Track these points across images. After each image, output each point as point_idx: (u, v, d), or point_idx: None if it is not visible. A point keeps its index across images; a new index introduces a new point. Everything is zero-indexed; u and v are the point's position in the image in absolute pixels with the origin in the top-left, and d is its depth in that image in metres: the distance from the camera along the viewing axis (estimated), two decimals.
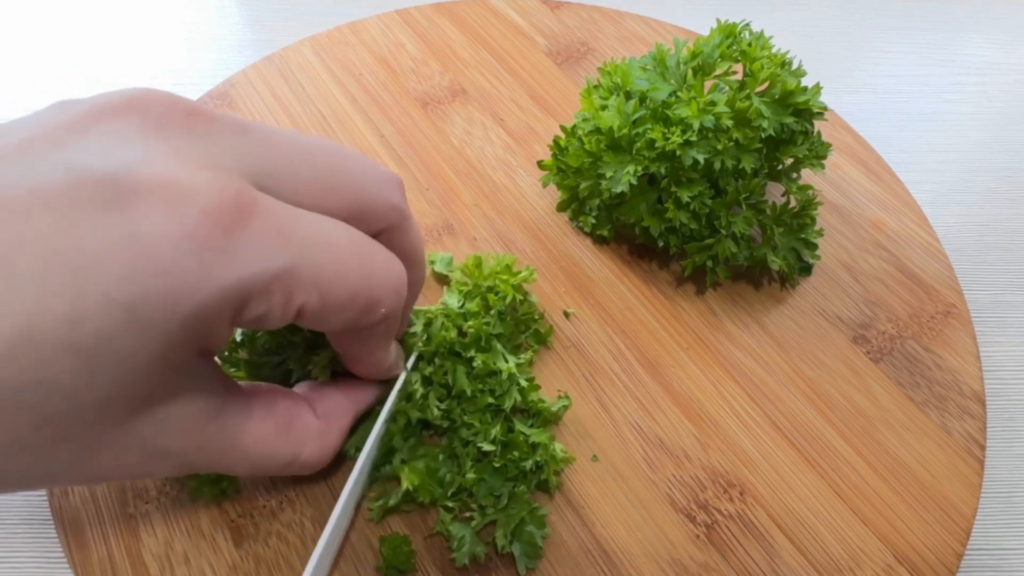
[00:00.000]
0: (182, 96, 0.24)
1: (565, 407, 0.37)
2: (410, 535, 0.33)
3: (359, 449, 0.33)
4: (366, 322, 0.27)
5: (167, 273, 0.21)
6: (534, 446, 0.34)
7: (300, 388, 0.32)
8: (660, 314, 0.41)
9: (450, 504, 0.33)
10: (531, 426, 0.35)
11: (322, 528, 0.33)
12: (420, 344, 0.35)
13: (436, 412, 0.34)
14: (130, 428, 0.23)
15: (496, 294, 0.38)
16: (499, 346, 0.37)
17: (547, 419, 0.36)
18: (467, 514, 0.33)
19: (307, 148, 0.26)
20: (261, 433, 0.28)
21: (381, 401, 0.34)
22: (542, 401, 0.36)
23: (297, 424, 0.30)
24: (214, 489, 0.33)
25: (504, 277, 0.38)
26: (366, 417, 0.34)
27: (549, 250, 0.44)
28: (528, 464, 0.34)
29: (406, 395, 0.34)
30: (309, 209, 0.25)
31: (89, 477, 0.24)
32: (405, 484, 0.32)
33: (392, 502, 0.33)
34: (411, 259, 0.30)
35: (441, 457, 0.34)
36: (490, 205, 0.46)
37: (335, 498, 0.34)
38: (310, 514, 0.34)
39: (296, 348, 0.34)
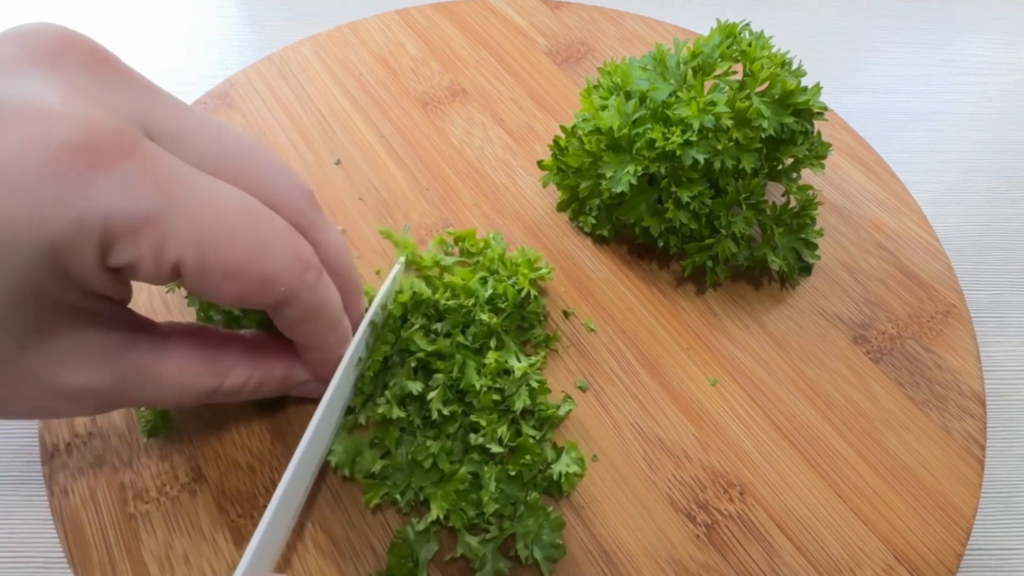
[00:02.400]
0: (96, 41, 0.24)
1: (570, 411, 0.37)
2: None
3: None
4: (266, 300, 0.26)
5: (25, 195, 0.20)
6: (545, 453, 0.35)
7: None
8: (660, 314, 0.41)
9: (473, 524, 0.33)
10: (533, 427, 0.35)
11: (323, 528, 0.33)
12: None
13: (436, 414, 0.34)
14: (23, 362, 0.23)
15: (513, 285, 0.38)
16: (512, 344, 0.37)
17: (553, 423, 0.36)
18: (485, 531, 0.33)
19: (219, 129, 0.27)
20: (180, 362, 0.28)
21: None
22: (550, 406, 0.36)
23: (220, 352, 0.30)
24: (167, 425, 0.34)
25: (524, 271, 0.38)
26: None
27: (549, 250, 0.44)
28: (545, 475, 0.34)
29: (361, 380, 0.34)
30: None
31: None
32: (436, 512, 0.32)
33: (420, 528, 0.32)
34: (331, 267, 0.30)
35: (467, 481, 0.33)
36: (490, 205, 0.46)
37: (336, 501, 0.34)
38: (310, 515, 0.34)
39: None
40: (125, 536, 0.33)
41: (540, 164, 0.44)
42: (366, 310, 0.34)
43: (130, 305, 0.28)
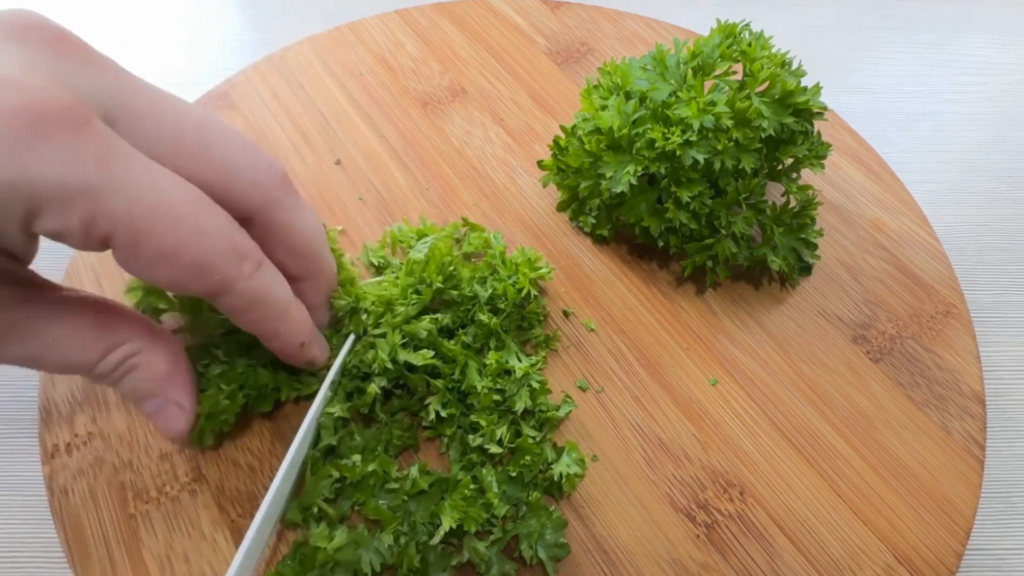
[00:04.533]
0: (61, 24, 0.25)
1: (570, 411, 0.37)
2: None
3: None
4: (200, 287, 0.27)
5: None
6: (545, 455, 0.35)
7: None
8: (660, 314, 0.41)
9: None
10: (532, 427, 0.35)
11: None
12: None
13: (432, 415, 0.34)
14: None
15: (514, 285, 0.38)
16: (513, 344, 0.37)
17: (553, 424, 0.36)
18: (488, 533, 0.33)
19: (183, 111, 0.27)
20: (72, 323, 0.28)
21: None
22: (550, 407, 0.36)
23: (117, 324, 0.30)
24: (157, 301, 0.34)
25: (525, 271, 0.38)
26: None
27: (549, 250, 0.44)
28: (546, 476, 0.34)
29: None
30: (162, 164, 0.25)
31: None
32: (447, 523, 0.31)
33: (434, 542, 0.32)
34: (296, 249, 0.30)
35: (472, 487, 0.33)
36: (490, 205, 0.46)
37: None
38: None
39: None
40: (125, 536, 0.33)
41: (540, 164, 0.44)
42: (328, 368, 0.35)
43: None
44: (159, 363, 0.31)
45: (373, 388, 0.34)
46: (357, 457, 0.33)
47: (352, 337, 0.35)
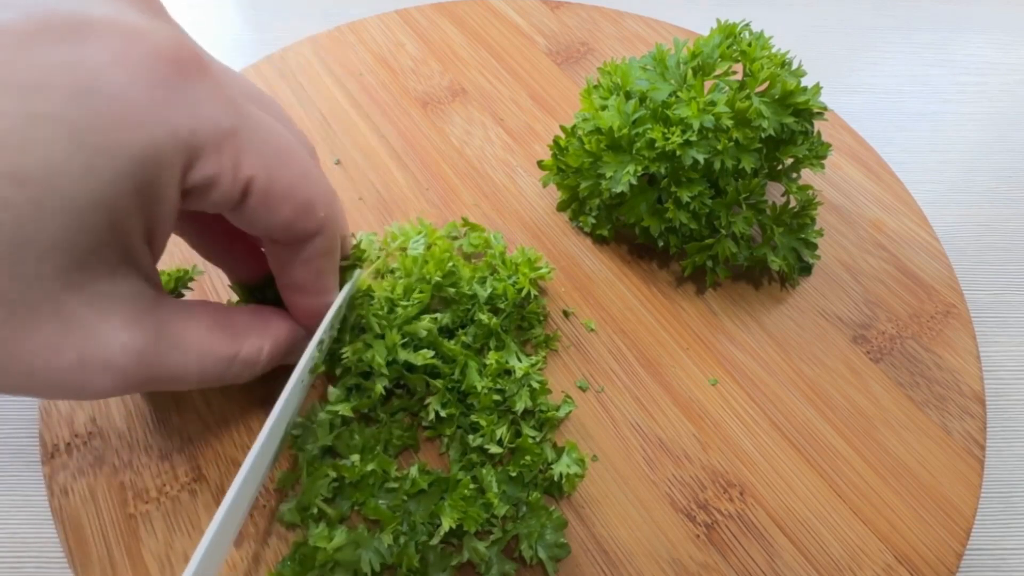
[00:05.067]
0: None
1: (570, 412, 0.37)
2: None
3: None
4: (308, 226, 0.27)
5: (122, 102, 0.21)
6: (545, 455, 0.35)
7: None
8: (660, 314, 0.41)
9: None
10: (532, 427, 0.35)
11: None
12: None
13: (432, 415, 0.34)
14: (63, 305, 0.22)
15: (514, 285, 0.38)
16: (513, 344, 0.37)
17: (553, 424, 0.36)
18: (488, 533, 0.33)
19: (254, 89, 0.28)
20: (204, 324, 0.28)
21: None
22: (551, 407, 0.36)
23: (235, 320, 0.30)
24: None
25: (525, 271, 0.38)
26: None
27: (549, 250, 0.44)
28: (546, 476, 0.34)
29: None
30: None
31: (16, 372, 0.22)
32: (447, 523, 0.31)
33: (434, 542, 0.32)
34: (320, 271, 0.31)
35: (472, 487, 0.33)
36: (490, 205, 0.46)
37: None
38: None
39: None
40: (125, 536, 0.33)
41: (540, 164, 0.44)
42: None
43: None
44: (283, 329, 0.32)
45: (379, 388, 0.34)
46: (356, 456, 0.33)
47: (357, 272, 0.35)
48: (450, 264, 0.37)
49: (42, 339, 0.22)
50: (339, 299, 0.33)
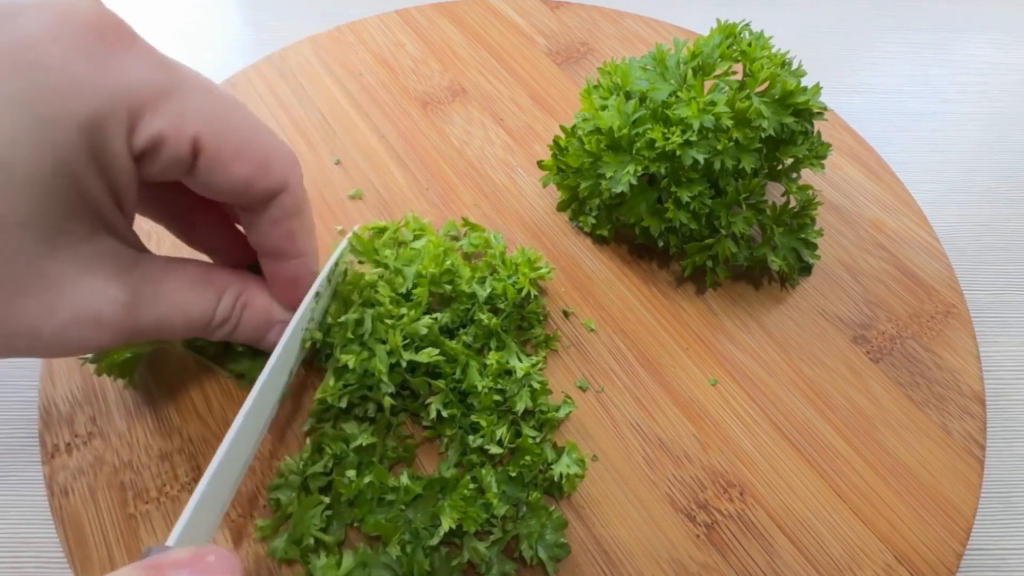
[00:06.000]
0: None
1: (570, 412, 0.37)
2: None
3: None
4: (268, 183, 0.28)
5: (61, 71, 0.22)
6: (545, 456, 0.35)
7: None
8: (660, 314, 0.41)
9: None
10: (532, 427, 0.35)
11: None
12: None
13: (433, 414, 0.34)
14: (50, 268, 0.24)
15: (514, 285, 0.38)
16: (513, 345, 0.37)
17: (553, 425, 0.36)
18: (488, 533, 0.33)
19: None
20: (184, 277, 0.29)
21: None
22: (551, 408, 0.36)
23: (214, 273, 0.31)
24: (121, 369, 0.35)
25: (525, 271, 0.38)
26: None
27: (549, 250, 0.44)
28: (546, 476, 0.34)
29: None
30: None
31: (22, 335, 0.24)
32: (447, 524, 0.31)
33: (433, 542, 0.31)
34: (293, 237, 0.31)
35: (471, 487, 0.33)
36: (490, 205, 0.46)
37: None
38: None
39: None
40: (125, 536, 0.33)
41: (540, 164, 0.44)
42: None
43: None
44: (261, 295, 0.32)
45: (388, 401, 0.34)
46: (352, 472, 0.33)
47: (343, 244, 0.35)
48: (448, 262, 0.37)
49: (36, 303, 0.24)
50: (323, 272, 0.33)
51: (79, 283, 0.25)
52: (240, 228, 0.35)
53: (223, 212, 0.35)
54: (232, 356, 0.37)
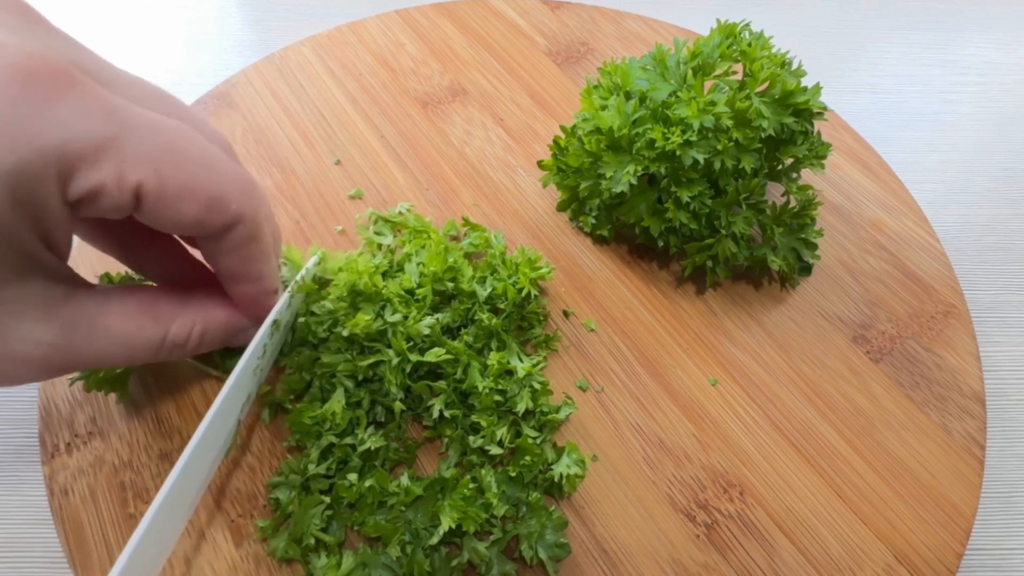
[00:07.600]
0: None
1: (570, 413, 0.37)
2: None
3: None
4: (220, 220, 0.27)
5: None
6: (546, 456, 0.35)
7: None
8: (660, 314, 0.41)
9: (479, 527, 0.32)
10: (533, 427, 0.35)
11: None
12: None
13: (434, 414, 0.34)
14: None
15: (514, 285, 0.38)
16: (514, 345, 0.37)
17: (553, 425, 0.36)
18: (488, 534, 0.33)
19: (140, 80, 0.28)
20: (123, 310, 0.28)
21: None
22: (551, 408, 0.36)
23: (161, 302, 0.30)
24: (112, 384, 0.34)
25: (525, 271, 0.38)
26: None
27: (549, 250, 0.44)
28: (546, 476, 0.34)
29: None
30: None
31: None
32: (447, 524, 0.31)
33: (432, 541, 0.31)
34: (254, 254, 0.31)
35: (471, 487, 0.33)
36: (490, 205, 0.46)
37: None
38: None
39: None
40: (125, 536, 0.33)
41: (540, 164, 0.44)
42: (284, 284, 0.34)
43: None
44: (220, 310, 0.32)
45: (399, 406, 0.34)
46: (353, 476, 0.33)
47: (313, 260, 0.36)
48: (451, 259, 0.37)
49: None
50: (287, 292, 0.33)
51: (8, 326, 0.25)
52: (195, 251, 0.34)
53: (175, 240, 0.34)
54: (229, 355, 0.37)
